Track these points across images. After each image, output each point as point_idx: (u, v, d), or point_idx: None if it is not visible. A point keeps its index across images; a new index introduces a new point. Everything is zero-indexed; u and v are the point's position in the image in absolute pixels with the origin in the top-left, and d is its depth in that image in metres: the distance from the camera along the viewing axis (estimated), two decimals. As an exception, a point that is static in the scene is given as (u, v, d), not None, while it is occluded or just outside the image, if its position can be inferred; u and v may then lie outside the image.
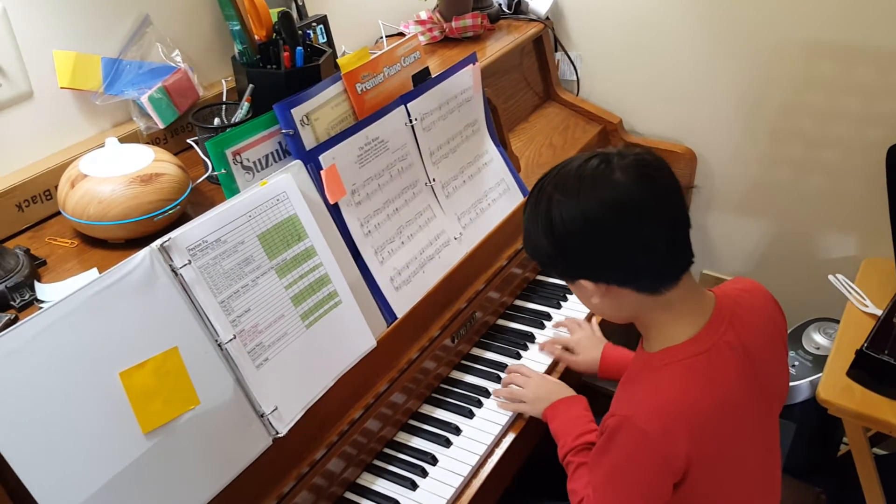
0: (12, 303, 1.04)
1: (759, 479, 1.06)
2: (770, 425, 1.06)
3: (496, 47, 1.83)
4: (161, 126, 1.35)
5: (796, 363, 1.71)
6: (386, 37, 1.86)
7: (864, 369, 1.38)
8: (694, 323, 0.97)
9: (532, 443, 1.30)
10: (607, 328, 1.45)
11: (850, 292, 1.59)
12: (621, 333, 1.42)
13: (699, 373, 0.95)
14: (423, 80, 1.44)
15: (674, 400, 0.94)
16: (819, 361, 1.68)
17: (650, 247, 0.91)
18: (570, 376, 1.37)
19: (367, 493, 1.16)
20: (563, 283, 1.58)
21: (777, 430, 1.09)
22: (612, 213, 0.90)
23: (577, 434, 1.13)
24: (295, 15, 1.58)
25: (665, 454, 0.93)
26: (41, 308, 0.88)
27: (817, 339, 1.74)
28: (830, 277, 1.63)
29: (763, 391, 1.02)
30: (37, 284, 1.07)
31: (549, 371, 1.38)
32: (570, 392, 1.25)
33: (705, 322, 0.97)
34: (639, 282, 0.95)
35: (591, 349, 1.34)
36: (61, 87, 1.27)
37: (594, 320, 1.46)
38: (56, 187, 1.18)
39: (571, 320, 1.45)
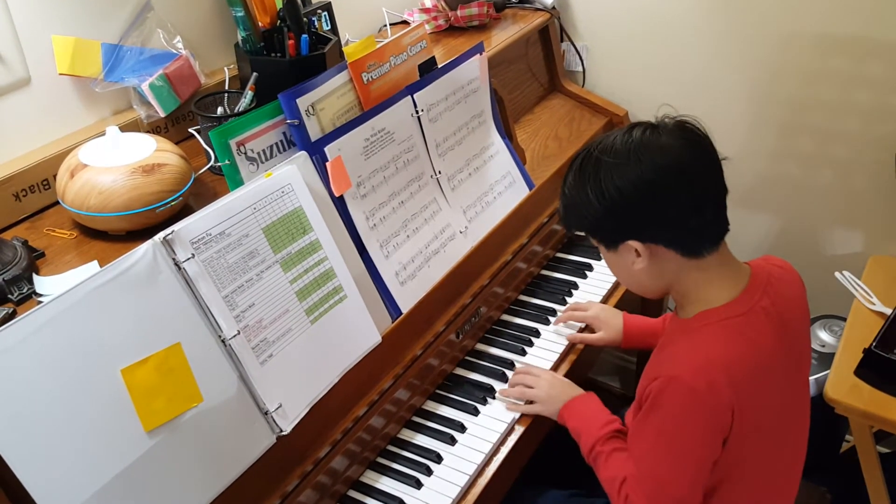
0: (10, 296, 1.01)
1: (786, 451, 1.06)
2: (800, 398, 1.08)
3: (501, 37, 1.79)
4: (162, 114, 1.32)
5: (801, 360, 1.69)
6: (390, 25, 1.83)
7: (873, 368, 1.37)
8: (732, 288, 1.00)
9: (538, 440, 1.28)
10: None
11: (856, 290, 1.57)
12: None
13: (738, 332, 0.97)
14: (429, 70, 1.41)
15: (716, 356, 0.95)
16: (824, 359, 1.67)
17: (698, 206, 0.95)
18: (574, 374, 1.36)
19: (371, 491, 1.14)
20: (567, 278, 1.56)
21: (807, 404, 1.09)
22: (663, 173, 0.94)
23: (601, 424, 1.12)
24: (299, 1, 1.55)
25: (713, 409, 0.94)
26: (40, 302, 0.86)
27: (823, 336, 1.72)
28: (837, 274, 1.61)
29: (795, 361, 1.04)
30: (35, 277, 1.05)
31: (556, 366, 1.36)
32: (580, 391, 1.24)
33: (742, 289, 1.00)
34: (685, 243, 0.97)
35: (611, 320, 1.36)
36: (60, 74, 1.24)
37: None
38: (54, 176, 1.16)
39: (575, 306, 1.43)
